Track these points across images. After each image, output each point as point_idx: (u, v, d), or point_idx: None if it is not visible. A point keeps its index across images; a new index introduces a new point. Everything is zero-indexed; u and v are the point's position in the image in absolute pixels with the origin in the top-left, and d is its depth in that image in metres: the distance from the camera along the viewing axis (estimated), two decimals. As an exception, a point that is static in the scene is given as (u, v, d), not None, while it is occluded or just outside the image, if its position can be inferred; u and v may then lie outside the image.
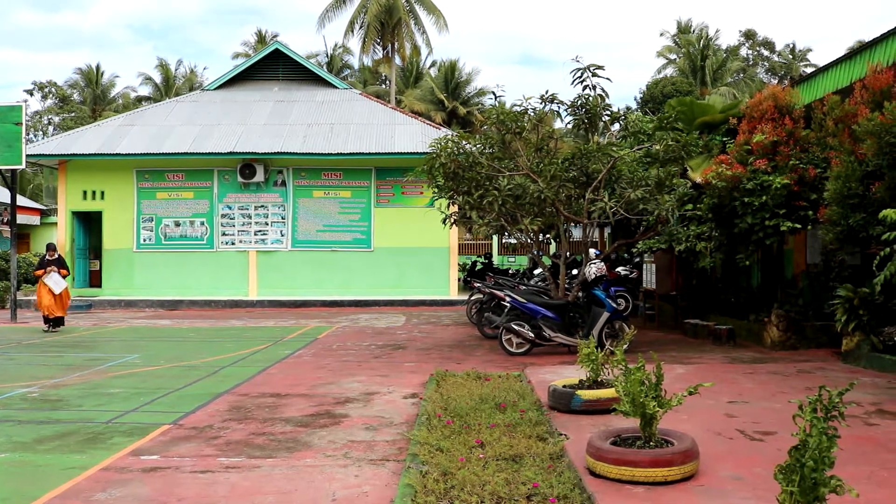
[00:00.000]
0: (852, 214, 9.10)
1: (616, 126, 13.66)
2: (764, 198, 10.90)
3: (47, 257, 16.12)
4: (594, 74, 11.83)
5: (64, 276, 15.90)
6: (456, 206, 12.96)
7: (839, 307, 10.18)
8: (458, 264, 24.56)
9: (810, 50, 71.13)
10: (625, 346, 6.65)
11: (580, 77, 11.83)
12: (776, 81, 51.63)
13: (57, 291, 15.60)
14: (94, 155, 22.23)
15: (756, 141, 11.29)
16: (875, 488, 4.88)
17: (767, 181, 10.88)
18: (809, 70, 52.05)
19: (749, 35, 58.13)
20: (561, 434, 6.16)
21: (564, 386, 7.39)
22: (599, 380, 7.31)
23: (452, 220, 13.26)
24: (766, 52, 58.80)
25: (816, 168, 10.91)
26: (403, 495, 4.86)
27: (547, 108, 12.28)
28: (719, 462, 5.47)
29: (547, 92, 12.02)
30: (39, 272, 15.88)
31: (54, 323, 15.71)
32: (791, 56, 57.21)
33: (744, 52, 57.19)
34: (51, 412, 7.85)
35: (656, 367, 5.34)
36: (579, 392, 7.11)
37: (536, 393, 8.00)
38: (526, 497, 4.75)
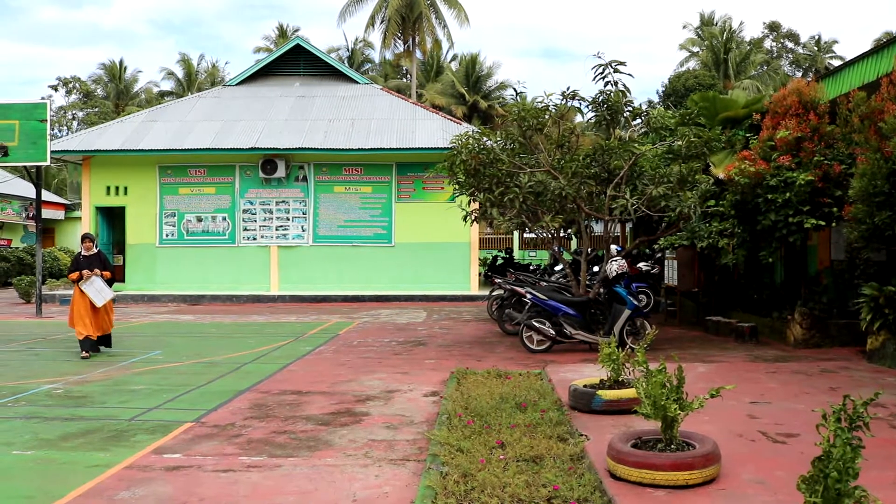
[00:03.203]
0: (878, 213, 8.97)
1: (638, 121, 13.58)
2: (788, 194, 10.78)
3: (83, 253, 11.95)
4: (616, 70, 11.75)
5: (108, 278, 12.02)
6: (477, 203, 12.95)
7: (864, 306, 10.05)
8: (479, 259, 24.55)
9: (836, 42, 70.49)
10: (646, 346, 6.61)
11: (602, 73, 11.76)
12: (801, 74, 51.18)
13: (99, 304, 11.59)
14: (118, 151, 22.44)
15: (780, 137, 11.17)
16: (900, 494, 4.81)
17: (791, 178, 10.76)
18: (835, 62, 51.44)
19: (773, 27, 57.52)
20: (581, 435, 6.13)
21: (585, 386, 7.35)
22: (620, 379, 7.26)
23: (473, 218, 13.24)
24: (790, 45, 58.17)
25: (841, 164, 10.78)
26: (424, 497, 4.86)
27: (568, 104, 12.21)
28: (741, 465, 5.42)
29: (568, 88, 11.96)
30: (74, 275, 11.71)
31: (97, 344, 11.75)
32: (816, 48, 56.56)
33: (768, 44, 56.63)
34: (75, 409, 7.93)
35: (678, 370, 5.30)
36: (600, 392, 7.08)
37: (557, 392, 7.97)
38: (546, 500, 4.73)
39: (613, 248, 12.84)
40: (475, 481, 5.01)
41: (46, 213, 30.94)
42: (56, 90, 57.22)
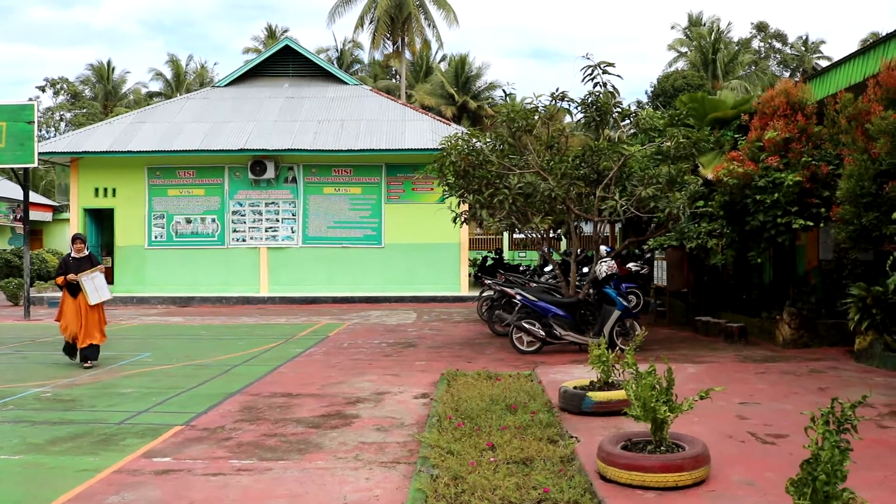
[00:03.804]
0: (865, 213, 9.02)
1: (627, 122, 13.61)
2: (776, 195, 10.84)
3: (73, 255, 10.97)
4: (605, 72, 11.79)
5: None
6: (466, 205, 12.95)
7: (852, 306, 10.12)
8: (469, 260, 24.56)
9: (823, 42, 70.81)
10: (635, 348, 6.63)
11: (591, 75, 11.79)
12: (788, 74, 51.42)
13: (93, 301, 10.79)
14: (106, 152, 22.33)
15: (768, 138, 11.22)
16: (889, 495, 4.84)
17: (779, 178, 10.82)
18: (822, 62, 51.56)
19: (761, 27, 57.78)
20: (572, 437, 6.15)
21: (575, 387, 7.37)
22: (610, 381, 7.29)
23: (463, 219, 13.24)
24: (778, 45, 58.45)
25: (829, 165, 10.84)
26: (414, 500, 4.86)
27: (558, 106, 12.23)
28: (731, 466, 5.44)
29: (557, 90, 11.98)
30: (61, 279, 10.78)
31: (87, 354, 10.78)
32: (803, 48, 56.84)
33: (756, 44, 56.87)
34: (64, 413, 7.89)
35: (667, 372, 5.32)
36: (590, 394, 7.10)
37: (547, 394, 7.98)
38: (536, 502, 4.74)
39: (603, 248, 12.87)
40: (465, 484, 5.01)
41: (34, 215, 30.78)
42: (43, 91, 57.01)
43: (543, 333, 11.30)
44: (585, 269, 15.73)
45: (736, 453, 5.82)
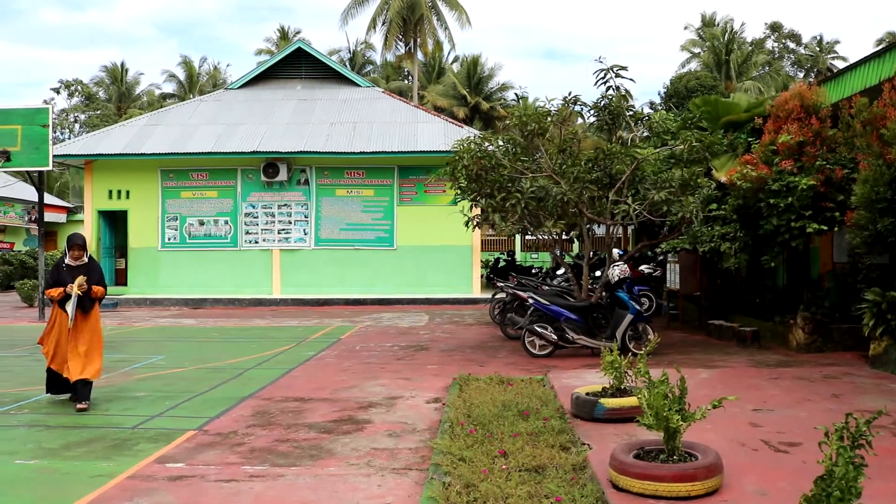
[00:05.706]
0: (880, 219, 8.97)
1: (639, 123, 13.56)
2: (790, 199, 10.79)
3: (67, 262, 8.43)
4: (617, 75, 11.77)
5: (99, 297, 8.55)
6: (479, 209, 12.94)
7: (867, 311, 10.04)
8: (481, 262, 24.56)
9: (838, 42, 70.32)
10: (648, 354, 6.61)
11: (604, 78, 11.77)
12: (802, 75, 51.09)
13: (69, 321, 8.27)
14: (120, 155, 22.46)
15: (782, 141, 11.16)
16: (903, 505, 4.81)
17: (793, 182, 10.76)
18: (837, 63, 51.18)
19: (775, 27, 57.48)
20: (584, 444, 6.12)
21: (588, 394, 7.36)
22: (623, 387, 7.27)
23: (475, 223, 13.23)
24: (792, 45, 58.14)
25: (843, 169, 10.77)
26: (426, 508, 4.86)
27: (570, 109, 12.21)
28: (743, 475, 5.42)
29: (570, 93, 11.98)
30: (54, 292, 8.32)
31: (67, 386, 8.52)
32: (818, 48, 56.52)
33: (769, 44, 56.58)
34: (78, 416, 7.93)
35: (680, 381, 5.30)
36: (602, 400, 7.08)
37: (559, 399, 7.95)
38: (549, 511, 4.73)
39: (616, 251, 12.85)
40: (478, 492, 5.00)
41: (49, 217, 30.97)
42: (58, 93, 57.45)
43: (556, 337, 11.29)
44: (598, 273, 15.69)
45: (749, 462, 5.79)
